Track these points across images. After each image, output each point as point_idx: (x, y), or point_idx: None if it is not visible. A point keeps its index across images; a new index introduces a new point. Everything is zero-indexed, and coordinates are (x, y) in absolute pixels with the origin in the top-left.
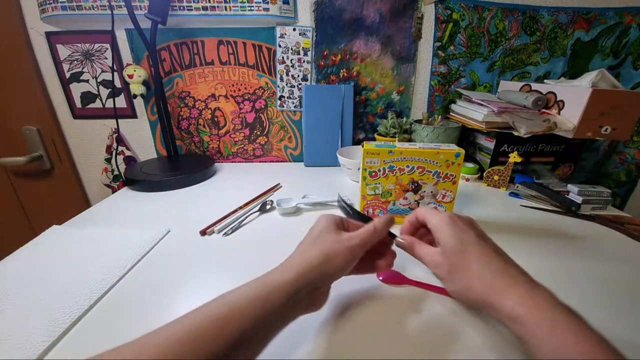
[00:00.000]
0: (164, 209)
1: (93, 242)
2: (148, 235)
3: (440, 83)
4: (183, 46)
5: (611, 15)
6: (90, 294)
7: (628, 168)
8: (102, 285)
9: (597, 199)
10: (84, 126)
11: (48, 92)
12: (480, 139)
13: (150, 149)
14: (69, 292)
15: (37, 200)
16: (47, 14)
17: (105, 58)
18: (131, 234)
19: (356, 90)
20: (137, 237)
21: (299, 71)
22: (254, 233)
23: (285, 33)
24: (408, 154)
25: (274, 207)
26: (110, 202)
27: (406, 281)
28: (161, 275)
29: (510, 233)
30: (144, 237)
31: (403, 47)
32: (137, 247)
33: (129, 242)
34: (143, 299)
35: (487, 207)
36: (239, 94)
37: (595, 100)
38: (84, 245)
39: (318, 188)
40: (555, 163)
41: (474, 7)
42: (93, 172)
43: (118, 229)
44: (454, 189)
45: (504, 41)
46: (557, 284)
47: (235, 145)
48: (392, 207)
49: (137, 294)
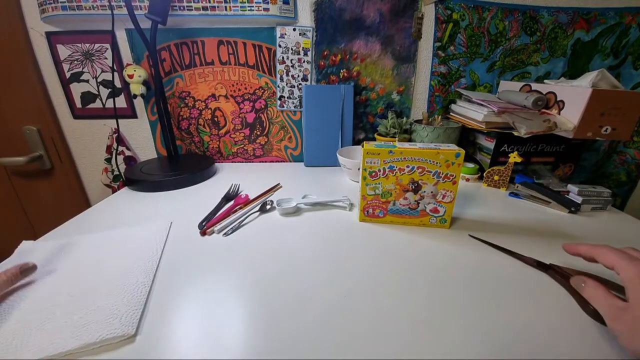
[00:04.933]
0: (164, 209)
1: (111, 241)
2: (158, 226)
3: (441, 83)
4: (183, 46)
5: (611, 15)
6: (146, 277)
7: (628, 168)
8: (150, 269)
9: (597, 199)
10: (84, 126)
11: (48, 92)
12: (481, 139)
13: (150, 149)
14: (129, 277)
15: (37, 200)
16: (47, 14)
17: (105, 58)
18: (142, 229)
19: (356, 90)
20: (152, 229)
21: (299, 71)
22: (254, 233)
23: (285, 33)
24: (408, 154)
25: (274, 207)
26: (111, 202)
27: None
28: (161, 275)
29: (510, 233)
30: (156, 228)
31: (403, 47)
32: (158, 233)
33: (147, 234)
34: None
35: (487, 207)
36: (239, 94)
37: (596, 100)
38: (113, 242)
39: (318, 188)
40: (555, 163)
41: (474, 7)
42: (93, 172)
43: (126, 228)
44: (454, 189)
45: (504, 41)
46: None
47: (235, 145)
48: (392, 207)
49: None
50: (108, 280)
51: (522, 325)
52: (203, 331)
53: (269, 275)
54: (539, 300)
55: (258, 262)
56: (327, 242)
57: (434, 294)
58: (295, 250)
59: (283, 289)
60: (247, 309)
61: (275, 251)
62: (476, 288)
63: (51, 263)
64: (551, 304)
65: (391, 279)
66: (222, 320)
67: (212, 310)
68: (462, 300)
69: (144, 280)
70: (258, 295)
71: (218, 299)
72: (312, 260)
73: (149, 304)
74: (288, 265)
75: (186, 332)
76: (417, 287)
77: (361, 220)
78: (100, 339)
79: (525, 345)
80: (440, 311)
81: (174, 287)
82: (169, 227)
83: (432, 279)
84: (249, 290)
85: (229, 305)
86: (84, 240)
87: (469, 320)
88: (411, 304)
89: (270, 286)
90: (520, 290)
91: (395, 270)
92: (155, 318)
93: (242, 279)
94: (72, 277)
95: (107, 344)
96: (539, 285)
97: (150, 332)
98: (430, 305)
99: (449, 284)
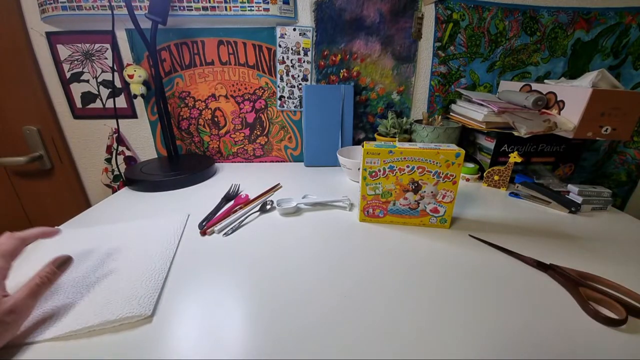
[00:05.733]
0: (164, 209)
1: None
2: (177, 218)
3: (441, 83)
4: (183, 46)
5: (611, 15)
6: (163, 264)
7: (628, 168)
8: (167, 257)
9: (597, 199)
10: (84, 126)
11: (48, 92)
12: (481, 139)
13: (150, 149)
14: (147, 262)
15: (37, 200)
16: (47, 14)
17: (105, 58)
18: (161, 220)
19: (356, 90)
20: (170, 220)
21: (299, 71)
22: (254, 233)
23: (285, 33)
24: (408, 154)
25: (274, 207)
26: (111, 202)
27: None
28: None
29: (510, 233)
30: (175, 219)
31: (403, 47)
32: (177, 223)
33: (163, 224)
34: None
35: (487, 207)
36: (239, 94)
37: (596, 100)
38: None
39: (318, 188)
40: (555, 163)
41: (474, 7)
42: (93, 172)
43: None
44: (454, 189)
45: (504, 41)
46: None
47: (235, 146)
48: (392, 207)
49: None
50: (129, 266)
51: (522, 325)
52: (203, 331)
53: (269, 275)
54: (539, 300)
55: (258, 262)
56: (327, 242)
57: (434, 293)
58: (295, 251)
59: (283, 289)
60: (247, 309)
61: (275, 251)
62: (476, 288)
63: (85, 248)
64: (551, 304)
65: (391, 278)
66: (222, 320)
67: (212, 310)
68: (462, 300)
69: (161, 266)
70: (258, 295)
71: (218, 299)
72: (312, 261)
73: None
74: (288, 266)
75: (186, 332)
76: (417, 286)
77: (361, 220)
78: (119, 317)
79: (525, 345)
80: (440, 311)
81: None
82: (186, 219)
83: (432, 279)
84: (249, 290)
85: (228, 305)
86: (106, 229)
87: (469, 320)
88: (411, 304)
89: (270, 286)
90: (520, 290)
91: (395, 270)
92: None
93: (242, 279)
94: (99, 261)
95: (126, 322)
96: (539, 285)
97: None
98: (430, 305)
99: (449, 283)
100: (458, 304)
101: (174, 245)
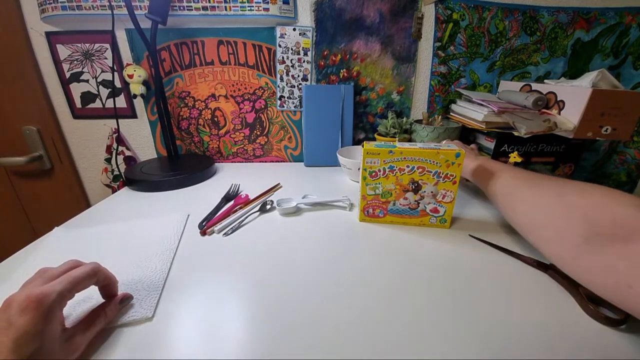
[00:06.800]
0: (164, 209)
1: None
2: (176, 217)
3: (441, 83)
4: (183, 46)
5: (611, 15)
6: (163, 265)
7: (628, 168)
8: (167, 258)
9: None
10: (84, 126)
11: (48, 92)
12: (481, 139)
13: (150, 149)
14: (147, 262)
15: (37, 200)
16: (47, 14)
17: (105, 58)
18: (161, 220)
19: (356, 90)
20: (170, 220)
21: (299, 71)
22: (254, 233)
23: (285, 33)
24: (408, 154)
25: (274, 207)
26: (111, 202)
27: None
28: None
29: (510, 233)
30: (174, 219)
31: (403, 47)
32: (176, 223)
33: (163, 224)
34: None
35: (487, 207)
36: (239, 94)
37: (596, 100)
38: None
39: (318, 188)
40: (555, 163)
41: (474, 7)
42: (93, 172)
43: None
44: (454, 189)
45: (504, 41)
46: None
47: (235, 145)
48: (392, 207)
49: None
50: (129, 266)
51: (522, 325)
52: (203, 331)
53: (269, 275)
54: (539, 300)
55: (258, 262)
56: (327, 242)
57: (433, 293)
58: (296, 251)
59: (283, 289)
60: (247, 308)
61: (275, 251)
62: (476, 288)
63: (85, 248)
64: (551, 304)
65: (391, 278)
66: (222, 320)
67: (212, 311)
68: (462, 300)
69: (161, 267)
70: (258, 295)
71: (218, 299)
72: (312, 260)
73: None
74: (288, 265)
75: (186, 332)
76: (417, 287)
77: (361, 220)
78: (121, 322)
79: (525, 345)
80: (440, 311)
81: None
82: (186, 219)
83: (432, 279)
84: (249, 289)
85: (228, 305)
86: (106, 229)
87: (469, 320)
88: (411, 304)
89: (270, 286)
90: (520, 290)
91: (395, 270)
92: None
93: (242, 279)
94: (99, 262)
95: (127, 325)
96: (539, 285)
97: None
98: (430, 305)
99: (449, 284)
100: (458, 303)
101: (174, 246)
